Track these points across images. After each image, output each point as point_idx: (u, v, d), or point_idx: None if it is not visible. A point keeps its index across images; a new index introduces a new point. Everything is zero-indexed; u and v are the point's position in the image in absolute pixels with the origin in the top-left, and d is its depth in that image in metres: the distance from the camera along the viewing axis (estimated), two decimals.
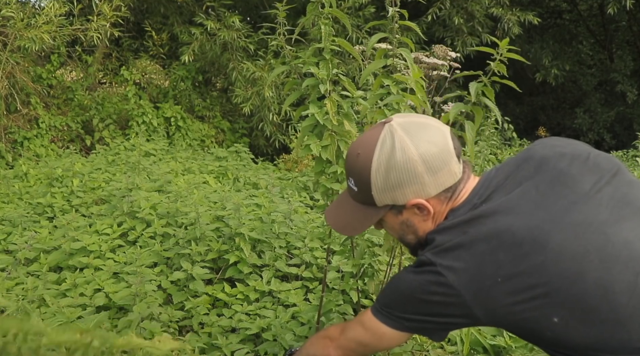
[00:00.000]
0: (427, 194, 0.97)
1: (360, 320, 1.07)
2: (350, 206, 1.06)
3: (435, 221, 1.01)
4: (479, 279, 0.88)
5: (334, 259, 2.41)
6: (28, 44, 4.78)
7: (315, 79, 1.55)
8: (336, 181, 1.63)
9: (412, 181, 0.95)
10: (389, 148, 0.95)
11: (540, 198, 0.91)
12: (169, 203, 3.27)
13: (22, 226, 3.13)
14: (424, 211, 0.99)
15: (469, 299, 0.88)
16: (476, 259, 0.88)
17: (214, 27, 6.13)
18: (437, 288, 0.91)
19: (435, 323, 0.96)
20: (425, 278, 0.93)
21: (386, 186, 0.97)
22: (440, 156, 0.95)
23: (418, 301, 0.94)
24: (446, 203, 1.00)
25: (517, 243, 0.86)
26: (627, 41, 10.71)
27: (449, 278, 0.89)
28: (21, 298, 2.10)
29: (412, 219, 1.02)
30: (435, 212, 1.00)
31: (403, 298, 0.97)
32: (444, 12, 6.87)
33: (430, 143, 0.95)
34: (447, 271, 0.90)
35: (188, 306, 2.29)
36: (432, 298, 0.92)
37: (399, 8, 1.54)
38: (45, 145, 5.62)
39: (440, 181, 0.97)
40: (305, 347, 1.20)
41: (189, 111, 6.92)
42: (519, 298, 0.86)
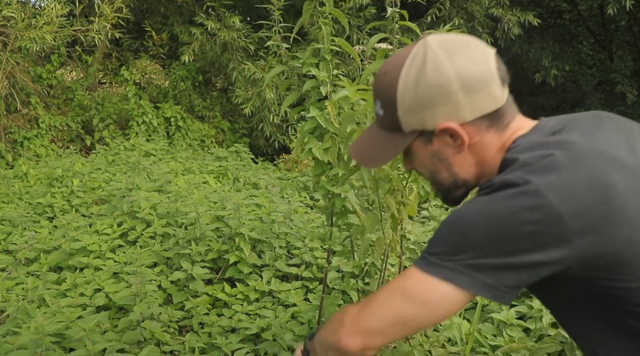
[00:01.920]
0: (461, 118, 0.81)
1: (396, 287, 0.80)
2: (376, 135, 0.91)
3: (480, 154, 0.84)
4: (594, 205, 0.70)
5: (334, 260, 2.42)
6: (29, 44, 4.79)
7: (315, 81, 1.54)
8: (337, 183, 1.63)
9: (443, 99, 0.81)
10: (420, 63, 0.82)
11: (624, 143, 0.79)
12: (169, 203, 3.28)
13: (22, 226, 3.13)
14: (457, 140, 0.83)
15: (574, 227, 0.70)
16: (585, 180, 0.71)
17: (214, 27, 6.13)
18: (532, 215, 0.70)
19: (519, 269, 0.73)
20: (515, 203, 0.71)
21: (414, 105, 0.83)
22: (479, 75, 0.80)
23: (501, 233, 0.71)
24: (489, 133, 0.83)
25: (628, 173, 0.73)
26: (627, 41, 10.72)
27: (551, 199, 0.70)
28: (21, 298, 2.10)
29: (445, 151, 0.85)
30: (474, 143, 0.83)
31: (480, 236, 0.73)
32: (444, 13, 6.87)
33: (469, 60, 0.80)
34: (549, 191, 0.70)
35: (188, 306, 2.29)
36: (524, 229, 0.70)
37: (399, 9, 1.54)
38: (45, 145, 5.62)
39: (478, 105, 0.81)
40: (320, 330, 0.97)
41: (189, 111, 6.92)
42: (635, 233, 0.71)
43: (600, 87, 10.50)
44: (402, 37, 1.55)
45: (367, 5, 6.34)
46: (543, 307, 2.27)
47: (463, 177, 0.87)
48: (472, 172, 0.87)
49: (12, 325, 1.95)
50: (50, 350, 1.78)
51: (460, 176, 0.87)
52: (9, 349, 1.72)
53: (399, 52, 0.87)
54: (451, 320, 2.10)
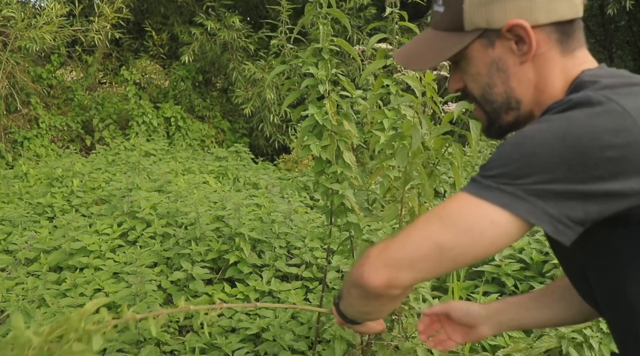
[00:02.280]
0: (534, 19, 0.72)
1: (440, 211, 0.68)
2: (429, 37, 0.81)
3: (541, 72, 0.75)
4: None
5: (334, 259, 2.42)
6: (29, 44, 4.79)
7: (314, 79, 1.56)
8: (336, 181, 1.64)
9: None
10: None
11: None
12: (169, 203, 3.28)
13: (22, 226, 3.13)
14: (524, 46, 0.73)
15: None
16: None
17: (214, 27, 6.13)
18: (617, 138, 0.61)
19: (590, 199, 0.62)
20: (599, 123, 0.62)
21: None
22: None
23: (579, 160, 0.61)
24: (556, 50, 0.74)
25: None
26: (627, 41, 10.72)
27: (638, 121, 0.61)
28: (21, 298, 2.10)
29: (506, 59, 0.75)
30: (539, 54, 0.74)
31: (551, 157, 0.62)
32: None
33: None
34: (637, 114, 0.62)
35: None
36: (606, 153, 0.61)
37: (399, 9, 1.55)
38: (45, 145, 5.62)
39: (555, 6, 0.72)
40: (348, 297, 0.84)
41: (189, 111, 6.92)
42: None
43: None
44: (402, 38, 1.55)
45: (368, 5, 6.34)
46: None
47: (518, 96, 0.76)
48: (529, 93, 0.76)
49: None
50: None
51: (516, 93, 0.76)
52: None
53: None
54: None
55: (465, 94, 0.83)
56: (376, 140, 1.66)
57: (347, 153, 1.61)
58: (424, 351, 1.76)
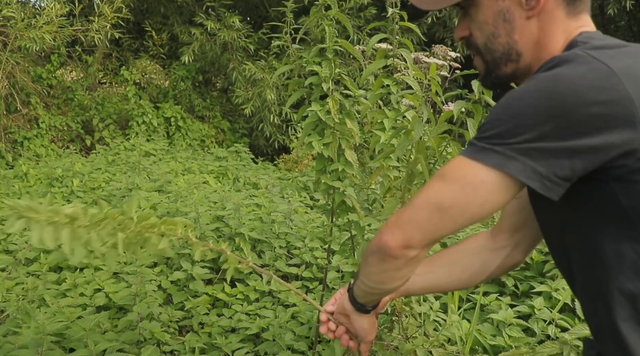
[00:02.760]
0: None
1: (440, 173, 0.73)
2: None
3: (544, 30, 0.76)
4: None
5: (334, 259, 2.42)
6: (29, 44, 4.79)
7: (318, 77, 1.57)
8: (337, 179, 1.64)
9: None
10: None
11: None
12: (169, 202, 3.28)
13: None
14: (532, 0, 0.75)
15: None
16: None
17: (214, 28, 6.13)
18: (601, 95, 0.63)
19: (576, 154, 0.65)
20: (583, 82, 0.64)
21: None
22: None
23: (566, 117, 0.63)
24: (562, 11, 0.75)
25: None
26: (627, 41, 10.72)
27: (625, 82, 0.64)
28: (21, 298, 2.10)
29: (513, 11, 0.76)
30: (545, 12, 0.75)
31: (539, 116, 0.64)
32: (444, 14, 6.87)
33: None
34: (621, 73, 0.64)
35: (188, 306, 2.29)
36: (590, 110, 0.63)
37: (400, 9, 1.55)
38: (45, 145, 5.62)
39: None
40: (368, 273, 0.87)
41: (189, 111, 6.92)
42: None
43: None
44: (402, 38, 1.56)
45: (368, 5, 6.35)
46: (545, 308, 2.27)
47: (520, 49, 0.78)
48: (530, 47, 0.78)
49: (13, 324, 1.95)
50: (51, 350, 1.78)
51: (518, 45, 0.78)
52: (10, 349, 1.72)
53: None
54: (450, 319, 2.10)
55: (468, 44, 0.84)
56: (376, 140, 1.66)
57: (349, 151, 1.62)
58: (424, 352, 1.76)
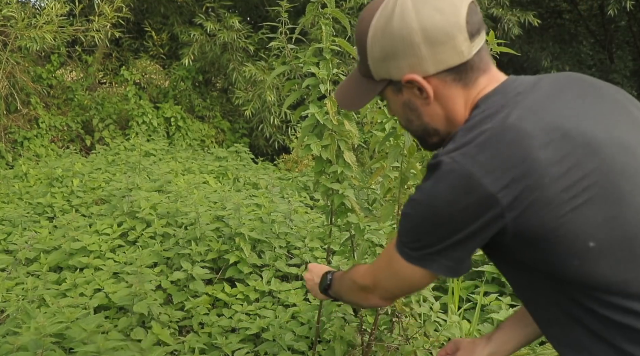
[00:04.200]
0: (424, 70, 0.83)
1: (390, 267, 0.90)
2: (355, 79, 0.95)
3: (447, 107, 0.86)
4: (520, 180, 0.73)
5: (334, 259, 2.42)
6: (29, 44, 4.79)
7: (315, 78, 1.56)
8: (336, 180, 1.63)
9: (407, 51, 0.82)
10: (389, 12, 0.84)
11: (587, 108, 0.80)
12: (169, 203, 3.28)
13: (22, 226, 3.13)
14: (423, 93, 0.84)
15: (506, 204, 0.74)
16: (520, 155, 0.74)
17: (213, 28, 6.13)
18: (467, 198, 0.75)
19: (464, 244, 0.79)
20: (451, 187, 0.76)
21: (381, 55, 0.86)
22: (443, 27, 0.80)
23: (445, 220, 0.77)
24: (456, 87, 0.84)
25: (569, 143, 0.75)
26: (627, 41, 10.72)
27: (483, 180, 0.73)
28: (21, 298, 2.10)
29: (414, 101, 0.87)
30: (441, 95, 0.84)
31: (432, 227, 0.79)
32: None
33: (436, 10, 0.81)
34: (481, 172, 0.74)
35: (188, 306, 2.29)
36: (465, 210, 0.76)
37: None
38: (45, 145, 5.62)
39: (441, 57, 0.82)
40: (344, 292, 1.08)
41: (189, 111, 6.92)
42: (562, 206, 0.73)
43: None
44: None
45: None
46: None
47: (434, 126, 0.89)
48: (442, 122, 0.88)
49: (12, 325, 1.95)
50: (51, 350, 1.78)
51: (431, 125, 0.89)
52: (9, 349, 1.72)
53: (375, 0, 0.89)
54: (451, 319, 2.10)
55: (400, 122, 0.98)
56: (376, 140, 1.66)
57: (347, 153, 1.61)
58: (425, 352, 1.76)
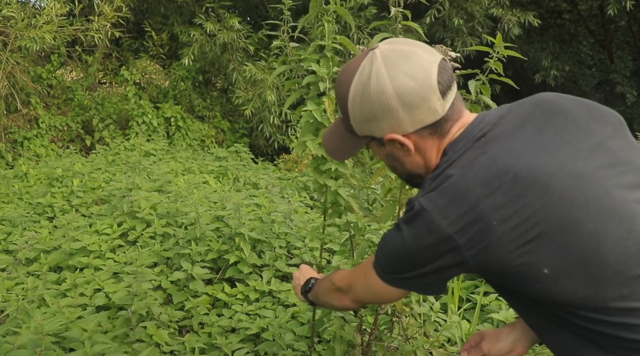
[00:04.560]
0: (403, 130, 0.93)
1: (367, 284, 1.04)
2: (340, 132, 1.04)
3: (425, 157, 0.97)
4: (474, 223, 0.84)
5: (334, 259, 2.42)
6: (29, 44, 4.79)
7: (315, 76, 1.55)
8: (331, 177, 1.63)
9: (386, 115, 0.92)
10: (365, 78, 0.92)
11: (544, 140, 0.87)
12: (169, 203, 3.28)
13: (22, 226, 3.13)
14: (404, 147, 0.95)
15: (463, 244, 0.85)
16: (473, 201, 0.84)
17: (213, 29, 6.13)
18: (429, 237, 0.87)
19: (431, 275, 0.92)
20: (416, 230, 0.89)
21: (362, 118, 0.95)
22: (417, 92, 0.89)
23: (413, 256, 0.91)
24: (432, 139, 0.95)
25: (517, 184, 0.83)
26: (627, 41, 10.72)
27: (442, 223, 0.85)
28: (21, 298, 2.10)
29: (396, 153, 0.98)
30: (420, 148, 0.95)
31: (399, 258, 0.94)
32: (444, 13, 6.87)
33: (408, 76, 0.90)
34: (439, 216, 0.86)
35: (188, 306, 2.29)
36: (427, 249, 0.89)
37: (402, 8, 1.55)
38: (45, 145, 5.62)
39: (418, 118, 0.92)
40: (321, 293, 1.22)
41: (189, 111, 6.92)
42: (513, 243, 0.82)
43: (600, 87, 10.49)
44: (405, 37, 1.55)
45: (368, 5, 6.34)
46: None
47: (416, 172, 1.00)
48: (422, 168, 0.99)
49: (12, 324, 1.95)
50: (50, 350, 1.78)
51: (413, 171, 1.00)
52: (8, 349, 1.72)
53: (353, 60, 0.97)
54: (451, 319, 2.10)
55: None
56: None
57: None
58: (425, 352, 1.76)
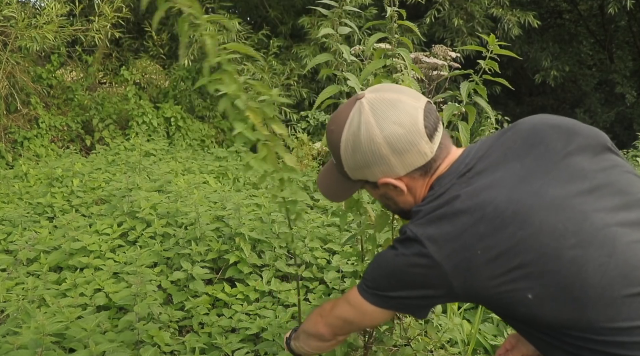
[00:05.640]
0: (395, 174, 0.99)
1: (347, 298, 1.10)
2: (335, 175, 1.10)
3: (415, 195, 1.03)
4: (459, 251, 0.88)
5: (334, 259, 2.42)
6: (29, 44, 4.78)
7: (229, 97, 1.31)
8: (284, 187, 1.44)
9: (378, 162, 0.97)
10: (355, 128, 0.98)
11: (525, 171, 0.91)
12: (169, 203, 3.28)
13: (22, 226, 3.13)
14: (397, 188, 1.01)
15: (450, 271, 0.89)
16: (458, 231, 0.89)
17: (213, 30, 6.13)
18: (419, 259, 0.92)
19: (417, 298, 0.98)
20: (407, 251, 0.94)
21: (355, 165, 1.01)
22: (406, 138, 0.95)
23: (401, 275, 0.96)
24: (422, 179, 1.00)
25: (498, 216, 0.87)
26: (627, 41, 10.72)
27: (430, 249, 0.91)
28: (21, 298, 2.10)
29: (390, 193, 1.04)
30: (411, 188, 1.02)
31: (387, 275, 0.99)
32: (444, 14, 6.87)
33: (396, 124, 0.95)
34: (428, 242, 0.91)
35: (188, 306, 2.29)
36: (414, 270, 0.94)
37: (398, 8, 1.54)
38: (45, 145, 5.62)
39: (408, 162, 0.97)
40: (303, 323, 1.28)
41: (189, 111, 6.92)
42: (496, 271, 0.87)
43: (600, 87, 10.50)
44: (402, 37, 1.55)
45: (369, 5, 6.34)
46: None
47: (408, 208, 1.06)
48: (413, 204, 1.05)
49: (12, 324, 1.95)
50: (51, 350, 1.78)
51: (405, 208, 1.06)
52: (9, 349, 1.72)
53: (341, 109, 1.02)
54: (452, 321, 2.10)
55: None
56: None
57: (287, 156, 1.41)
58: (426, 354, 1.76)
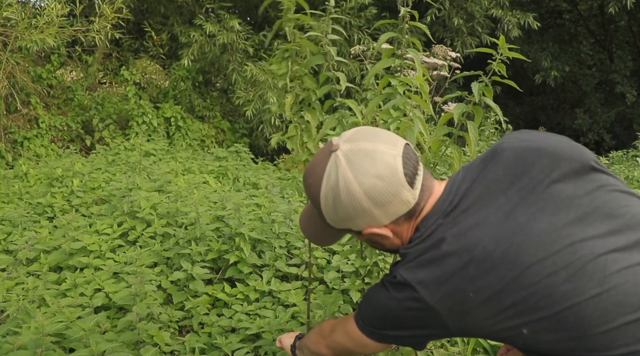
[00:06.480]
0: (379, 223, 0.97)
1: (345, 329, 1.10)
2: (318, 221, 1.07)
3: (402, 237, 1.01)
4: (451, 294, 0.89)
5: (334, 259, 2.42)
6: (29, 44, 4.78)
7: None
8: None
9: (360, 215, 0.96)
10: (334, 184, 0.95)
11: (510, 205, 0.90)
12: (169, 203, 3.27)
13: (22, 226, 3.13)
14: (383, 235, 0.99)
15: (444, 313, 0.90)
16: (447, 274, 0.89)
17: (213, 30, 6.13)
18: (412, 303, 0.93)
19: (414, 336, 1.00)
20: (400, 295, 0.94)
21: (337, 218, 0.99)
22: (387, 190, 0.93)
23: (395, 318, 0.97)
24: (407, 223, 0.99)
25: (486, 258, 0.87)
26: (627, 41, 10.72)
27: (422, 293, 0.91)
28: (21, 298, 2.10)
29: (374, 239, 1.03)
30: (397, 232, 1.00)
31: (381, 316, 1.00)
32: (444, 13, 6.87)
33: (376, 178, 0.92)
34: (420, 287, 0.91)
35: (188, 306, 2.29)
36: (408, 313, 0.95)
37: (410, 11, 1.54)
38: (45, 145, 5.62)
39: (392, 212, 0.95)
40: (306, 336, 1.29)
41: (189, 111, 6.92)
42: (489, 311, 0.87)
43: (600, 87, 10.49)
44: (411, 37, 1.55)
45: (369, 5, 6.34)
46: None
47: (394, 249, 1.05)
48: (400, 246, 1.03)
49: (13, 324, 1.95)
50: (50, 350, 1.78)
51: (392, 249, 1.06)
52: (9, 349, 1.72)
53: (316, 160, 0.99)
54: None
55: None
56: None
57: (311, 143, 1.60)
58: (425, 353, 1.76)
